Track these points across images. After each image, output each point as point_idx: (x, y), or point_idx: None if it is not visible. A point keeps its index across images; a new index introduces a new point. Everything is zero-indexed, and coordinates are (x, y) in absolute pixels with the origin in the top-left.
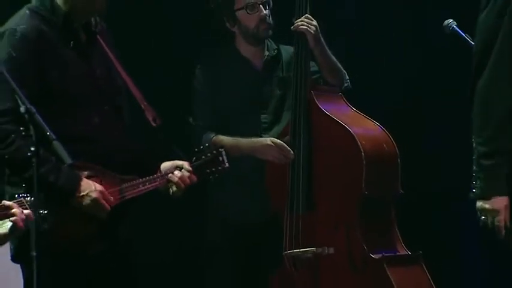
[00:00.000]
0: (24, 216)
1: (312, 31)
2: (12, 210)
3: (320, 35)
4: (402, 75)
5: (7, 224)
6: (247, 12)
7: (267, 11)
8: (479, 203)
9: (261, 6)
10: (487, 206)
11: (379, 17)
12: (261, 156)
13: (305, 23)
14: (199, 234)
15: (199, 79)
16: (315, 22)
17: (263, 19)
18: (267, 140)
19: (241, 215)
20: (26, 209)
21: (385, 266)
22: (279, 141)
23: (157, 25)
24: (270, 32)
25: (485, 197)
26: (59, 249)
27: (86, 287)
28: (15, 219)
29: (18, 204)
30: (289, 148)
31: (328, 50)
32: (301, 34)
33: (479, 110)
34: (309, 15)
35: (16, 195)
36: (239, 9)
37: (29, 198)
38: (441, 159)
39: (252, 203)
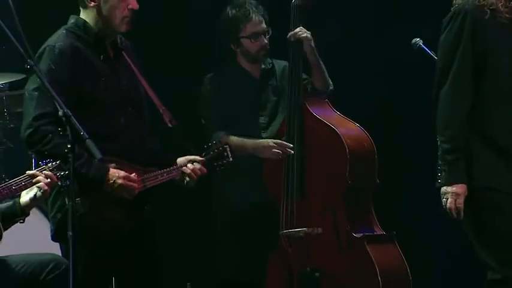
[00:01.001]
0: (48, 181)
1: (309, 38)
2: (37, 178)
3: (313, 43)
4: (378, 85)
5: (34, 191)
6: (251, 41)
7: (267, 40)
8: (443, 189)
9: (262, 35)
10: (450, 191)
11: (358, 35)
12: (262, 155)
13: (303, 31)
14: (207, 217)
15: (207, 88)
16: (309, 32)
17: (263, 47)
18: (268, 141)
19: (242, 202)
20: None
21: (365, 243)
22: (279, 140)
23: (172, 43)
24: (266, 53)
25: (449, 184)
26: (92, 230)
27: (116, 262)
28: (40, 185)
29: (41, 169)
30: (289, 144)
31: (319, 60)
32: (298, 44)
33: (442, 114)
34: (302, 27)
35: (40, 162)
36: (244, 37)
37: (50, 164)
38: (411, 155)
39: (251, 192)
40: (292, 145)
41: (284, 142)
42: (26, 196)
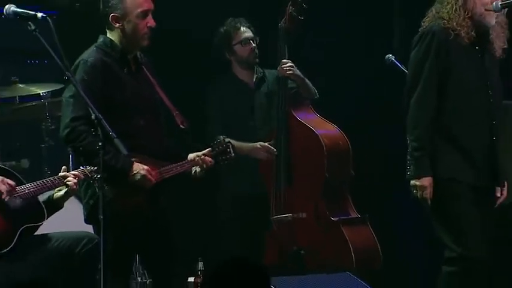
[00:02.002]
0: (76, 181)
1: (294, 72)
2: (67, 178)
3: (296, 69)
4: (355, 94)
5: (63, 189)
6: (242, 45)
7: (255, 44)
8: (412, 182)
9: (251, 41)
10: (417, 183)
11: (340, 54)
12: (255, 156)
13: (288, 68)
14: (214, 203)
15: (210, 97)
16: (291, 64)
17: (252, 50)
18: (257, 144)
19: (242, 191)
20: (86, 174)
21: (340, 225)
22: (265, 144)
23: (182, 58)
24: (257, 59)
25: (416, 178)
26: (118, 214)
27: (139, 240)
28: (70, 184)
29: (81, 172)
30: (273, 148)
31: (304, 78)
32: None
33: (411, 118)
34: (287, 60)
35: (81, 166)
36: (236, 43)
37: (88, 168)
38: (383, 150)
39: (249, 184)
40: (275, 149)
41: (269, 146)
42: (58, 192)
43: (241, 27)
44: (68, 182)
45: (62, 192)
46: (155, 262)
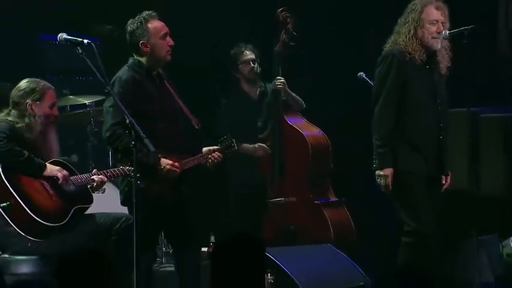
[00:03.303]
0: (100, 180)
1: (284, 88)
2: (93, 177)
3: (286, 86)
4: (335, 103)
5: (92, 184)
6: (243, 65)
7: (256, 64)
8: (376, 172)
9: (251, 62)
10: (381, 173)
11: (325, 71)
12: (253, 154)
13: (279, 83)
14: (223, 189)
15: (222, 106)
16: (283, 80)
17: (251, 69)
18: (256, 145)
19: (246, 180)
20: (125, 172)
21: (322, 207)
22: (263, 145)
23: (199, 75)
24: (256, 76)
25: (380, 169)
26: (148, 199)
27: (164, 220)
28: (94, 182)
29: (120, 170)
30: (268, 148)
31: (292, 93)
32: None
33: (376, 122)
34: (280, 77)
35: (121, 167)
36: (239, 64)
37: (127, 168)
38: (357, 147)
39: (251, 174)
40: (270, 150)
41: (266, 146)
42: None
43: (245, 51)
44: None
45: (92, 184)
46: (176, 236)
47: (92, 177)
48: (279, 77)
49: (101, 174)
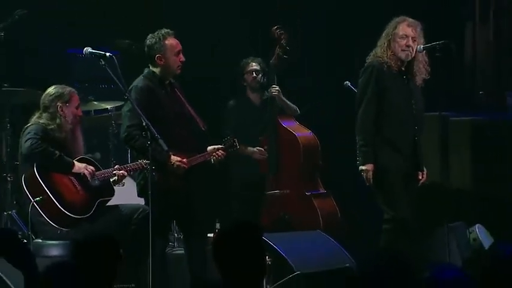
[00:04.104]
0: (122, 174)
1: (278, 95)
2: (115, 172)
3: (281, 94)
4: (324, 108)
5: (114, 178)
6: (248, 75)
7: (260, 75)
8: (360, 167)
9: (254, 72)
10: (364, 168)
11: (315, 80)
12: (253, 157)
13: (275, 91)
14: (226, 182)
15: (228, 111)
16: (278, 88)
17: (254, 79)
18: (255, 149)
19: (247, 175)
20: (142, 165)
21: (312, 198)
22: (261, 149)
23: (207, 83)
24: (259, 85)
25: (363, 164)
26: (161, 191)
27: (176, 210)
28: (116, 176)
29: (138, 164)
30: (265, 152)
31: (287, 101)
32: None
33: (359, 125)
34: (275, 85)
35: (139, 161)
36: (244, 73)
37: (144, 161)
38: (342, 146)
39: (251, 170)
40: (266, 153)
41: (263, 150)
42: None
43: (251, 62)
44: (119, 173)
45: (114, 178)
46: (186, 223)
47: (114, 171)
48: (274, 85)
49: (122, 169)
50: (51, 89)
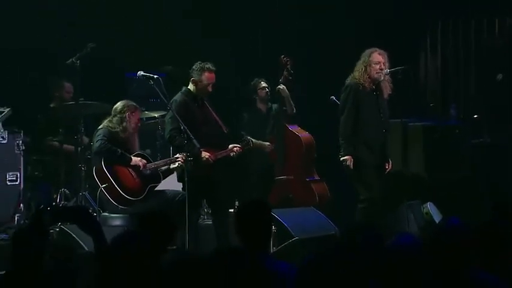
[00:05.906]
0: (182, 159)
1: (284, 90)
2: (177, 156)
3: (287, 90)
4: (315, 116)
5: (176, 164)
6: (260, 91)
7: (267, 90)
8: (342, 158)
9: (265, 88)
10: (345, 158)
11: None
12: (265, 150)
13: (280, 88)
14: (244, 172)
15: (243, 117)
16: (283, 86)
17: (266, 93)
18: (266, 143)
19: (260, 165)
20: (183, 158)
21: (310, 183)
22: (270, 144)
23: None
24: (267, 98)
25: (344, 155)
26: (195, 177)
27: (207, 191)
28: (179, 160)
29: (182, 156)
30: (272, 146)
31: (289, 97)
32: (280, 92)
33: (341, 129)
34: (281, 85)
35: (178, 154)
36: (257, 89)
37: (183, 154)
38: (330, 144)
39: (263, 161)
40: (273, 147)
41: (271, 145)
42: (174, 165)
43: (262, 82)
44: (179, 162)
45: (176, 165)
46: (213, 201)
47: (177, 159)
48: (281, 84)
49: (175, 159)
50: (124, 101)
